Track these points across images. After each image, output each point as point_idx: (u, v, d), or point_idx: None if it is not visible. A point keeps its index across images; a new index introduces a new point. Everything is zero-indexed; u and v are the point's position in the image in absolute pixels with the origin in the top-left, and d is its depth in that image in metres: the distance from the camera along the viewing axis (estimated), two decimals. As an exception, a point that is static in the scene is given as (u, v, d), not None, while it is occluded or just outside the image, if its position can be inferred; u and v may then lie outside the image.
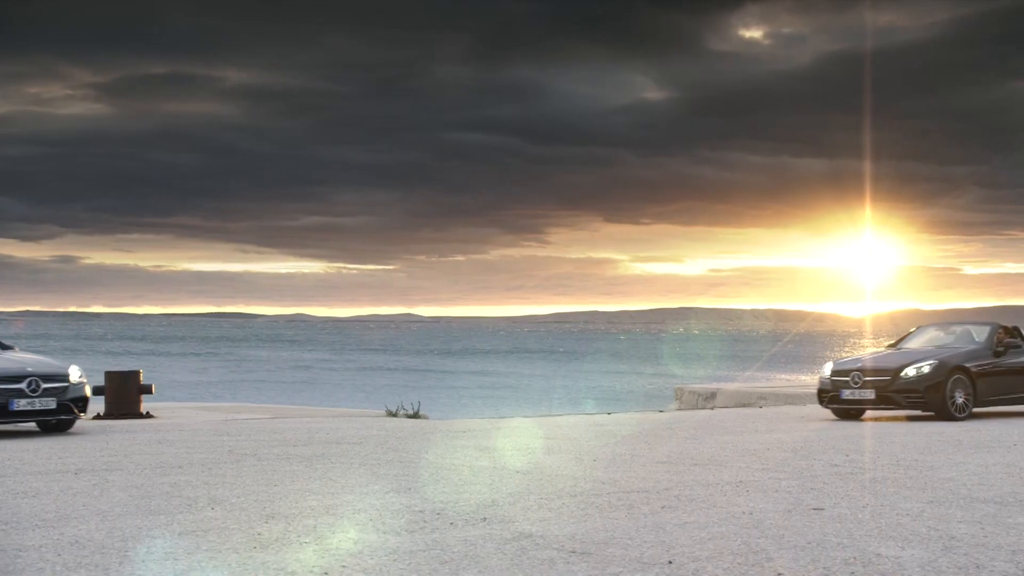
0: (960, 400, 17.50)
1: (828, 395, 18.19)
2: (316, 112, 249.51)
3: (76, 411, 15.55)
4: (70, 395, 15.42)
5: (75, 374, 15.69)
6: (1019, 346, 18.74)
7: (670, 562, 6.42)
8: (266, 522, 8.10)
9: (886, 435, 14.90)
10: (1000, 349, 18.51)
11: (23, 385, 15.02)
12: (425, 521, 8.04)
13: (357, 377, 74.88)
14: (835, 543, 6.93)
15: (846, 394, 17.89)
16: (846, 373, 18.00)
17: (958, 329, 19.60)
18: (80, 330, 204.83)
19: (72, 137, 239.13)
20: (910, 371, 17.63)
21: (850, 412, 18.14)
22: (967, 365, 17.82)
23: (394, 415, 20.27)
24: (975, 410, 18.16)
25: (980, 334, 18.93)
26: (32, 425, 16.13)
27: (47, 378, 15.23)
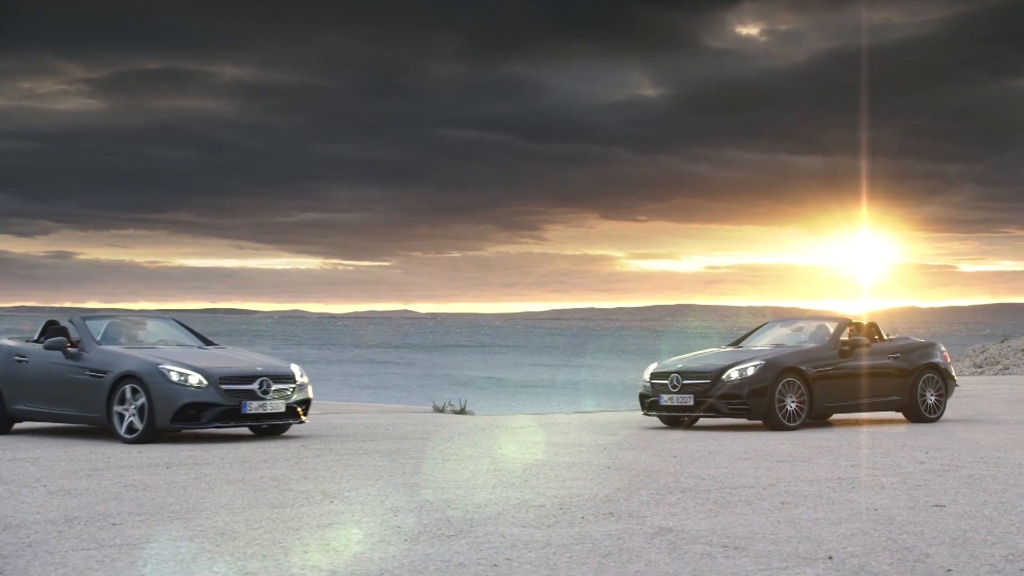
0: (792, 407, 15.50)
1: (648, 400, 16.35)
2: (311, 108, 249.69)
3: (301, 414, 14.47)
4: (296, 397, 14.33)
5: (298, 373, 14.64)
6: (867, 344, 16.50)
7: (830, 557, 6.55)
8: (395, 516, 8.21)
9: (950, 431, 14.98)
10: (846, 348, 16.33)
11: (254, 386, 13.92)
12: (554, 516, 8.16)
13: (364, 371, 74.92)
14: (981, 540, 7.07)
15: (664, 399, 15.97)
16: (665, 376, 16.11)
17: (809, 325, 17.28)
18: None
19: (66, 132, 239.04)
20: (732, 373, 15.62)
21: (679, 420, 16.29)
22: (802, 367, 15.73)
23: (441, 411, 20.39)
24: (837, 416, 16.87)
25: (831, 330, 16.75)
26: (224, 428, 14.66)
27: (276, 378, 14.15)
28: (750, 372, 15.58)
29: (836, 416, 17.47)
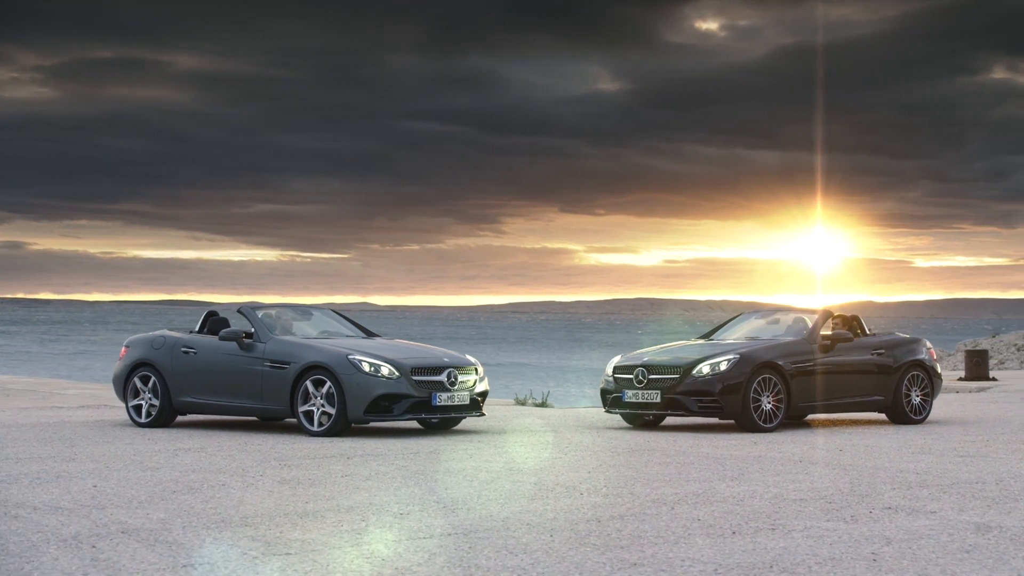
0: (768, 406, 14.36)
1: (610, 397, 15.04)
2: (268, 99, 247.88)
3: (482, 407, 14.14)
4: (478, 389, 13.99)
5: (478, 364, 14.27)
6: (850, 339, 15.37)
7: None
8: (671, 508, 8.13)
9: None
10: (827, 343, 15.16)
11: (443, 377, 13.59)
12: (835, 509, 8.15)
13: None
14: None
15: (628, 396, 14.71)
16: (630, 370, 14.85)
17: (786, 317, 16.02)
18: (31, 316, 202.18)
19: (18, 121, 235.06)
20: (704, 368, 14.40)
21: (645, 418, 15.14)
22: (779, 362, 14.55)
23: (523, 403, 20.29)
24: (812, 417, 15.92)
25: (810, 323, 15.51)
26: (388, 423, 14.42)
27: (461, 369, 13.81)
28: (723, 367, 14.36)
29: (812, 417, 16.26)
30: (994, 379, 28.32)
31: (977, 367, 28.35)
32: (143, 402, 14.67)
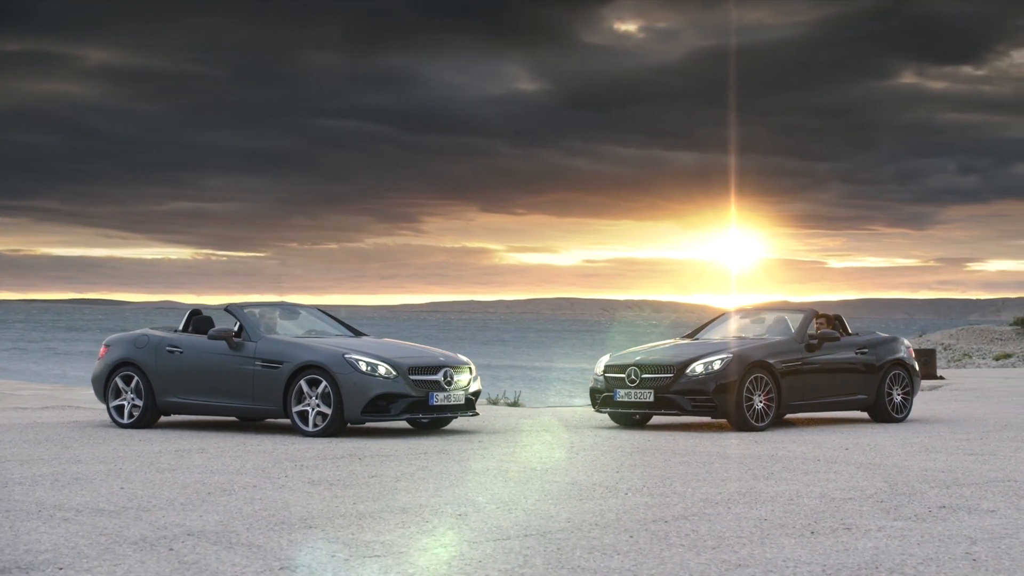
0: (760, 405, 14.39)
1: (601, 396, 15.00)
2: (183, 95, 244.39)
3: (475, 406, 14.07)
4: (472, 388, 13.87)
5: (471, 364, 14.11)
6: (837, 338, 15.45)
7: None
8: (726, 508, 8.05)
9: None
10: (814, 342, 15.22)
11: (439, 376, 13.43)
12: (892, 508, 8.10)
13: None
14: None
15: (620, 395, 14.68)
16: (622, 369, 14.83)
17: (770, 316, 16.12)
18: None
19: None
20: (697, 367, 14.39)
21: (632, 417, 15.12)
22: (770, 361, 14.61)
23: (495, 403, 20.13)
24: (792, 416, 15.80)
25: (795, 323, 15.56)
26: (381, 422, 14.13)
27: (456, 369, 13.65)
28: (716, 366, 14.36)
29: (791, 416, 15.90)
30: (942, 377, 28.85)
31: (926, 366, 28.79)
32: (125, 402, 14.28)
